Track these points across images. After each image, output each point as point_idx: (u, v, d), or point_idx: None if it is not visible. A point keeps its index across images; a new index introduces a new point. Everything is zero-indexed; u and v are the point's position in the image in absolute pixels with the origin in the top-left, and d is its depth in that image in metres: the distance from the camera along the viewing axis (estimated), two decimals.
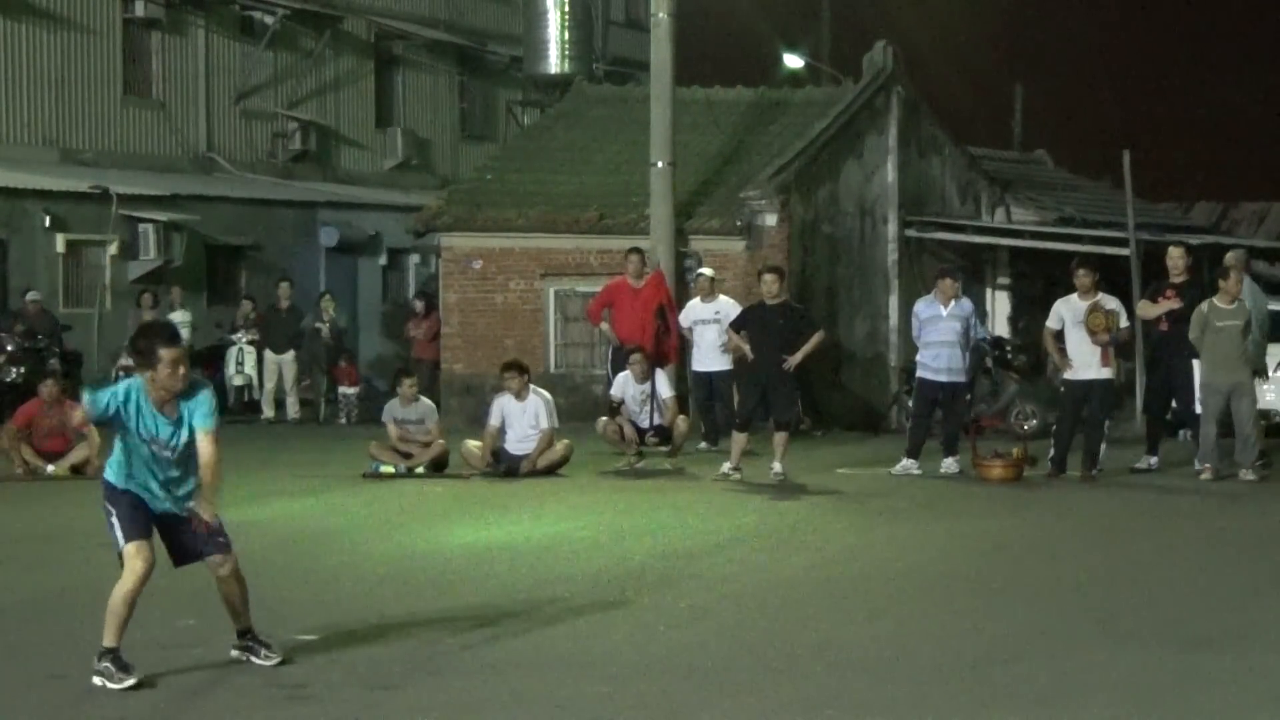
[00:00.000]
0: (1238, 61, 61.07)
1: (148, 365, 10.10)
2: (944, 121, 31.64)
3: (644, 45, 28.15)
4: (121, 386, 10.26)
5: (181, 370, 10.12)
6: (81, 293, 30.29)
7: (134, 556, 10.17)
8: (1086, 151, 45.00)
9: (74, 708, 9.69)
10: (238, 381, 29.83)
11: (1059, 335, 20.02)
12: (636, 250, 24.22)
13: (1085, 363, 19.84)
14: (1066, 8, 61.05)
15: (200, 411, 10.22)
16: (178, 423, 10.20)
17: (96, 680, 10.01)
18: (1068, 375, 20.03)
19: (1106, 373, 19.93)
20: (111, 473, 10.37)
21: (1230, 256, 21.64)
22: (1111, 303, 19.92)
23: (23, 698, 9.83)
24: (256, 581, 13.00)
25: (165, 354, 10.07)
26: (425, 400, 21.38)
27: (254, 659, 10.57)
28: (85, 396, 10.43)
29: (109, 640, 10.11)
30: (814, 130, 28.34)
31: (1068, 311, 19.90)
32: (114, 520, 10.30)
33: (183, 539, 10.43)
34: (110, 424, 10.26)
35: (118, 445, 10.31)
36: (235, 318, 30.11)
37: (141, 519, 10.26)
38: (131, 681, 9.98)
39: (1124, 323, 19.99)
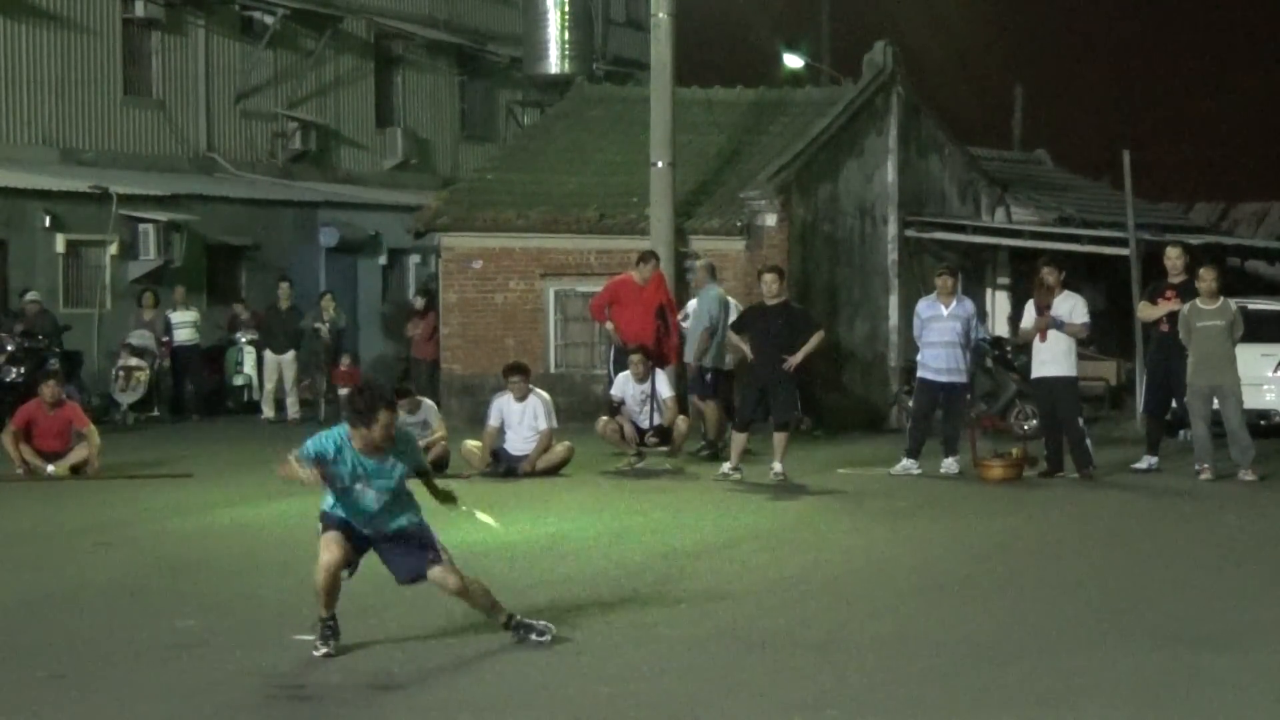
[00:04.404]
0: (1237, 61, 61.03)
1: (364, 424, 10.80)
2: (944, 121, 31.62)
3: (644, 45, 28.13)
4: (330, 438, 10.91)
5: (392, 431, 10.89)
6: (81, 293, 30.25)
7: (328, 543, 10.90)
8: (1086, 151, 45.00)
9: (74, 708, 9.69)
10: (238, 381, 29.83)
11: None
12: (654, 255, 23.88)
13: (1042, 360, 19.97)
14: (1066, 8, 61.01)
15: (410, 458, 11.15)
16: (386, 464, 10.97)
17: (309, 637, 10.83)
18: (1033, 373, 20.22)
19: (1066, 369, 19.94)
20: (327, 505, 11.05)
21: (699, 264, 23.89)
22: (1073, 299, 19.98)
23: (23, 698, 9.82)
24: (257, 582, 13.02)
25: (383, 417, 10.78)
26: (426, 402, 21.35)
27: (531, 637, 11.02)
28: (297, 452, 10.94)
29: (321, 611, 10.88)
30: (814, 130, 28.32)
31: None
32: (319, 524, 11.08)
33: (400, 559, 11.09)
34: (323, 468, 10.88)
35: (329, 493, 11.00)
36: (229, 318, 30.15)
37: (344, 524, 10.98)
38: (323, 651, 10.70)
39: (1082, 318, 19.97)
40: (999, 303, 31.56)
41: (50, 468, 20.53)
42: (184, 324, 29.39)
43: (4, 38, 31.37)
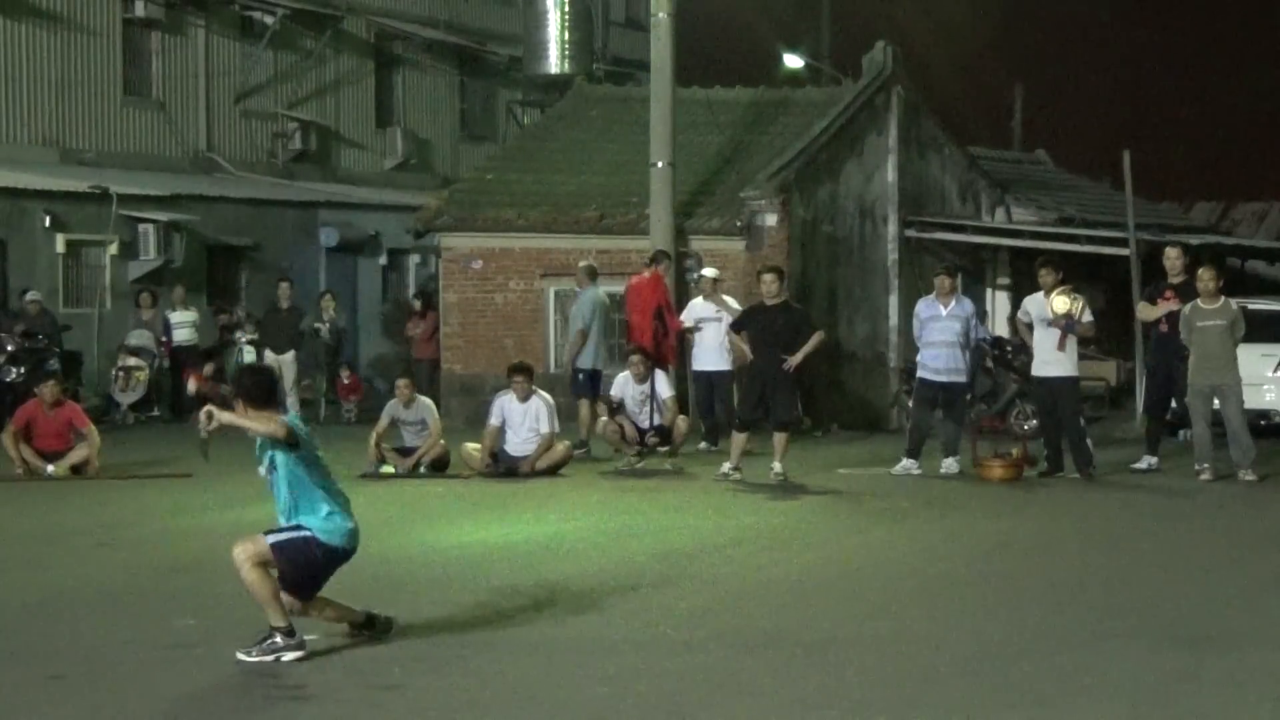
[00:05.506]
0: (1237, 61, 61.04)
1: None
2: (944, 121, 31.62)
3: (644, 45, 28.13)
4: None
5: None
6: (81, 293, 30.25)
7: None
8: (1086, 151, 45.01)
9: (74, 708, 9.69)
10: None
11: (1029, 328, 20.26)
12: (665, 256, 24.02)
13: (1044, 360, 19.98)
14: (1066, 8, 61.02)
15: None
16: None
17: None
18: (1033, 372, 20.22)
19: (1068, 369, 19.94)
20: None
21: (581, 265, 24.02)
22: (1080, 300, 20.04)
23: (23, 698, 9.82)
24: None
25: None
26: (423, 399, 21.34)
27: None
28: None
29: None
30: (814, 130, 28.33)
31: (1034, 308, 20.07)
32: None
33: None
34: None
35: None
36: (219, 327, 30.13)
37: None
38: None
39: (1087, 316, 20.03)
40: (999, 303, 31.57)
41: (50, 468, 20.52)
42: (183, 324, 29.38)
43: (4, 38, 31.37)
